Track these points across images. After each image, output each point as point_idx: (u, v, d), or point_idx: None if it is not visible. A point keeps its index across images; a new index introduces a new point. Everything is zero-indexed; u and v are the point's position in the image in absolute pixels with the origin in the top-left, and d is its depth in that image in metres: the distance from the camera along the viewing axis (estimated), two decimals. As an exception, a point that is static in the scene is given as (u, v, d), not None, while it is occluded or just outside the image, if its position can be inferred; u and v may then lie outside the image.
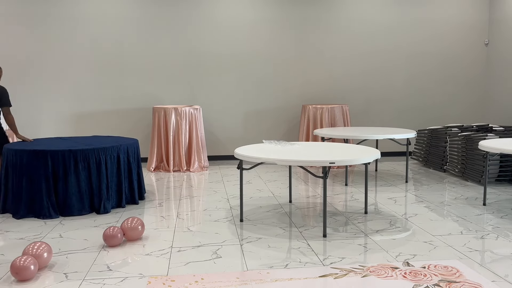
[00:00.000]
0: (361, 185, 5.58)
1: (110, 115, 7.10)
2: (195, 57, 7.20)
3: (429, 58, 7.70)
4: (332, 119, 6.88)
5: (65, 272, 2.97)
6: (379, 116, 7.69)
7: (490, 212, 4.33)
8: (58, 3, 6.84)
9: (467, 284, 2.73)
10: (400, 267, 3.00)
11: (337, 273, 2.91)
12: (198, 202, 4.81)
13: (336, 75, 7.54)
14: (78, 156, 4.30)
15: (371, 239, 3.57)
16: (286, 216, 4.25)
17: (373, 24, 7.52)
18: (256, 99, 7.40)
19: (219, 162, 7.29)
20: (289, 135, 7.54)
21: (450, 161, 6.21)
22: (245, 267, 3.04)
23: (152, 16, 7.05)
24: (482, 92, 7.89)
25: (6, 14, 6.75)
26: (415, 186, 5.50)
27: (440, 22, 7.66)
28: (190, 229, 3.88)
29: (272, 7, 7.29)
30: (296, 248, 3.38)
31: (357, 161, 3.64)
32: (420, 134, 7.01)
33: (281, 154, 3.79)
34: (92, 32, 6.95)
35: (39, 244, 3.03)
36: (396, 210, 4.44)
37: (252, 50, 7.31)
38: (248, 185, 5.61)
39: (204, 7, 7.15)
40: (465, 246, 3.40)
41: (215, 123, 7.37)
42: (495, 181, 5.64)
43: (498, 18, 7.54)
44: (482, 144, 4.40)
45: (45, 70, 6.87)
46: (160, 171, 6.64)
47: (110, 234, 3.42)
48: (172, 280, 2.83)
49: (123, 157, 4.61)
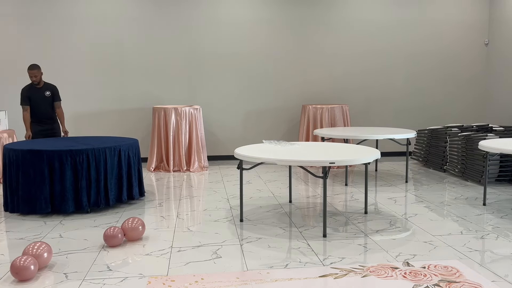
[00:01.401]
0: (361, 185, 5.58)
1: (110, 115, 7.10)
2: (195, 57, 7.21)
3: (429, 58, 7.70)
4: (332, 119, 6.88)
5: (65, 272, 2.97)
6: (379, 116, 7.69)
7: (490, 212, 4.33)
8: (58, 3, 6.84)
9: (467, 284, 2.73)
10: (400, 267, 3.00)
11: (337, 273, 2.91)
12: (198, 202, 4.82)
13: (336, 75, 7.54)
14: (78, 156, 4.29)
15: (371, 239, 3.57)
16: (286, 216, 4.25)
17: (373, 24, 7.52)
18: (256, 99, 7.40)
19: (219, 162, 7.29)
20: (289, 135, 7.54)
21: (450, 161, 6.21)
22: (245, 267, 3.04)
23: (152, 16, 7.06)
24: (482, 92, 7.89)
25: (6, 14, 6.75)
26: (415, 186, 5.51)
27: (440, 22, 7.67)
28: (190, 229, 3.88)
29: (272, 7, 7.29)
30: (296, 248, 3.38)
31: (357, 161, 3.64)
32: (420, 134, 7.01)
33: (281, 154, 3.79)
34: (92, 32, 6.95)
35: (39, 244, 3.03)
36: (396, 210, 4.44)
37: (252, 50, 7.31)
38: (248, 185, 5.61)
39: (204, 7, 7.15)
40: (465, 246, 3.40)
41: (215, 123, 7.37)
42: (495, 181, 5.64)
43: (498, 18, 7.54)
44: (482, 144, 4.40)
45: (45, 70, 6.87)
46: (160, 171, 6.64)
47: (110, 234, 3.42)
48: (172, 280, 2.83)
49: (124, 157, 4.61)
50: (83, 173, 4.31)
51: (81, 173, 4.30)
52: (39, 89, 5.55)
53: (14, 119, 6.87)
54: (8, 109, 6.87)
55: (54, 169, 4.25)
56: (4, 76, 6.83)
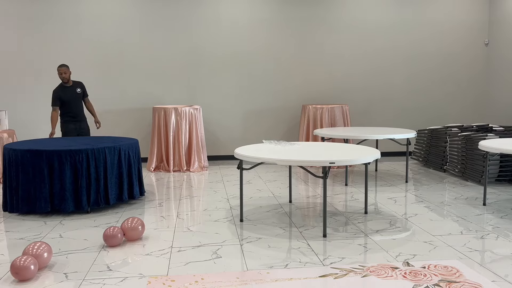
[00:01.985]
0: (361, 185, 5.58)
1: (110, 115, 7.10)
2: (195, 57, 7.21)
3: (429, 58, 7.70)
4: (332, 119, 6.88)
5: (65, 272, 2.97)
6: (379, 116, 7.69)
7: (490, 212, 4.33)
8: (58, 3, 6.84)
9: (467, 284, 2.73)
10: (400, 267, 3.00)
11: (337, 273, 2.91)
12: (198, 202, 4.81)
13: (336, 75, 7.54)
14: (78, 155, 4.29)
15: (371, 239, 3.57)
16: (286, 216, 4.25)
17: (373, 24, 7.52)
18: (256, 99, 7.40)
19: (219, 162, 7.29)
20: (289, 135, 7.54)
21: (450, 161, 6.21)
22: (245, 267, 3.04)
23: (152, 16, 7.06)
24: (482, 92, 7.89)
25: (6, 14, 6.75)
26: (415, 186, 5.50)
27: (440, 22, 7.67)
28: (190, 229, 3.88)
29: (272, 7, 7.29)
30: (296, 248, 3.38)
31: (357, 161, 3.64)
32: (420, 134, 7.01)
33: (281, 154, 3.79)
34: (92, 32, 6.95)
35: (39, 244, 3.03)
36: (396, 210, 4.44)
37: (252, 50, 7.31)
38: (248, 185, 5.61)
39: (204, 7, 7.15)
40: (465, 246, 3.40)
41: (215, 123, 7.37)
42: (495, 181, 5.64)
43: (498, 18, 7.54)
44: (482, 144, 4.40)
45: (45, 70, 6.87)
46: (160, 171, 6.64)
47: (110, 234, 3.42)
48: (172, 280, 2.83)
49: (124, 157, 4.61)
50: (83, 172, 4.31)
51: (81, 172, 4.30)
52: (70, 88, 5.75)
53: (14, 119, 6.87)
54: (8, 109, 6.87)
55: (54, 169, 4.25)
56: (4, 76, 6.83)
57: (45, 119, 6.94)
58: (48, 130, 6.92)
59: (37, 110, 6.93)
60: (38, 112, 6.93)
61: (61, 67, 5.65)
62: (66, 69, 5.66)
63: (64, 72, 5.64)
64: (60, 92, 5.70)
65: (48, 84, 6.91)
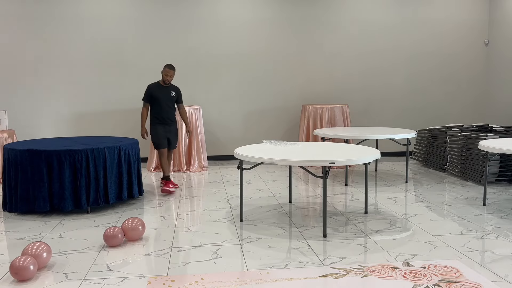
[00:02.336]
0: (361, 185, 5.58)
1: (110, 115, 7.10)
2: (195, 57, 7.21)
3: (429, 58, 7.70)
4: (332, 119, 6.88)
5: (65, 272, 2.97)
6: (379, 116, 7.69)
7: (490, 212, 4.33)
8: (58, 3, 6.84)
9: (467, 284, 2.73)
10: (400, 267, 3.00)
11: (337, 273, 2.91)
12: (198, 202, 4.81)
13: (336, 75, 7.54)
14: (77, 155, 4.29)
15: (371, 239, 3.57)
16: (286, 216, 4.25)
17: (373, 24, 7.52)
18: (256, 99, 7.40)
19: (219, 162, 7.29)
20: (289, 135, 7.54)
21: (450, 161, 6.21)
22: (245, 267, 3.04)
23: (152, 16, 7.05)
24: (482, 92, 7.89)
25: (6, 14, 6.75)
26: (415, 186, 5.50)
27: (440, 22, 7.66)
28: (190, 229, 3.88)
29: (272, 7, 7.29)
30: (296, 248, 3.38)
31: (357, 161, 3.64)
32: (420, 134, 7.01)
33: (281, 154, 3.78)
34: (92, 32, 6.95)
35: (38, 244, 3.03)
36: (396, 210, 4.44)
37: (252, 50, 7.31)
38: (248, 185, 5.61)
39: (204, 7, 7.15)
40: (465, 246, 3.40)
41: (215, 123, 7.37)
42: (495, 181, 5.64)
43: (498, 18, 7.54)
44: (482, 144, 4.40)
45: (45, 70, 6.87)
46: (160, 171, 6.64)
47: (110, 234, 3.42)
48: (172, 280, 2.83)
49: (124, 156, 4.61)
50: (82, 172, 4.31)
51: (80, 171, 4.30)
52: (165, 88, 5.45)
53: (14, 119, 6.87)
54: (8, 109, 6.87)
55: (53, 168, 4.25)
56: (4, 76, 6.83)
57: (45, 119, 6.94)
58: (48, 130, 6.93)
59: (37, 110, 6.93)
60: (38, 112, 6.93)
61: (169, 69, 5.34)
62: (173, 73, 5.37)
63: (170, 76, 5.35)
64: (154, 88, 5.41)
65: (49, 85, 6.91)
